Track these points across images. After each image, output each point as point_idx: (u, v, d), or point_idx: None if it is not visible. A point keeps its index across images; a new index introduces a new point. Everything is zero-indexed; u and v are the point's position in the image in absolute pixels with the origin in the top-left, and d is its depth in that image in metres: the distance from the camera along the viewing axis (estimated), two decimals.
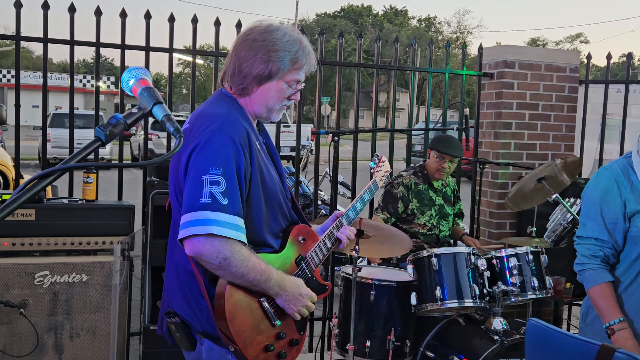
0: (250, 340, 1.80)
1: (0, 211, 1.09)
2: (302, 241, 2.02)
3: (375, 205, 4.10)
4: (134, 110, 1.31)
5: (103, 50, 3.91)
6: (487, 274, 3.27)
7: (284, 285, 1.85)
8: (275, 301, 1.87)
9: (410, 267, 3.30)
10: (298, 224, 2.04)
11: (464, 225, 4.54)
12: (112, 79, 39.21)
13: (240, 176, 1.76)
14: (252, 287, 1.79)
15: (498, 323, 3.20)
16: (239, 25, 4.12)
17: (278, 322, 1.87)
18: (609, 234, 2.37)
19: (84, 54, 68.62)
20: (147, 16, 3.93)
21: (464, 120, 4.15)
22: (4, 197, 3.38)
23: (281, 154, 12.84)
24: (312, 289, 1.97)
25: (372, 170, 2.74)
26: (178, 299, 1.88)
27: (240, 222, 1.73)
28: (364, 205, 2.44)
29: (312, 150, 7.74)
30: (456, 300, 3.18)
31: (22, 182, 4.14)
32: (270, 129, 2.71)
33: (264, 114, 1.96)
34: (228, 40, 2.62)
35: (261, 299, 1.84)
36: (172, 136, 1.28)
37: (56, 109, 19.94)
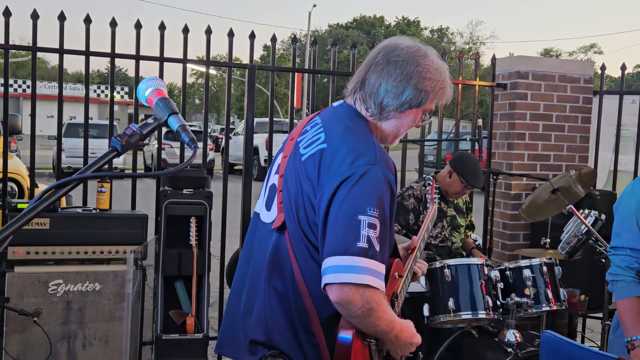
0: None
1: (18, 220, 1.10)
2: (397, 278, 1.88)
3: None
4: (150, 120, 1.32)
5: (117, 61, 3.95)
6: (500, 285, 3.24)
7: (401, 335, 1.73)
8: (378, 343, 1.75)
9: (422, 278, 3.28)
10: (393, 255, 1.89)
11: (476, 236, 4.51)
12: (126, 89, 39.54)
13: (390, 218, 1.65)
14: (373, 334, 1.68)
15: (512, 335, 3.18)
16: (252, 36, 4.15)
17: None
18: None
19: (99, 64, 69.33)
20: (162, 27, 3.97)
21: (477, 131, 4.13)
22: (20, 206, 3.41)
23: None
24: None
25: (429, 196, 2.65)
26: (284, 334, 1.71)
27: (384, 271, 1.61)
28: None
29: None
30: (470, 312, 3.16)
31: (37, 191, 4.18)
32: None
33: (389, 139, 1.85)
34: (241, 51, 2.64)
35: (370, 342, 1.71)
36: (187, 146, 1.28)
37: (71, 119, 20.14)
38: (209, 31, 4.07)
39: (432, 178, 2.70)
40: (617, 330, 2.47)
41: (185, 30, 4.02)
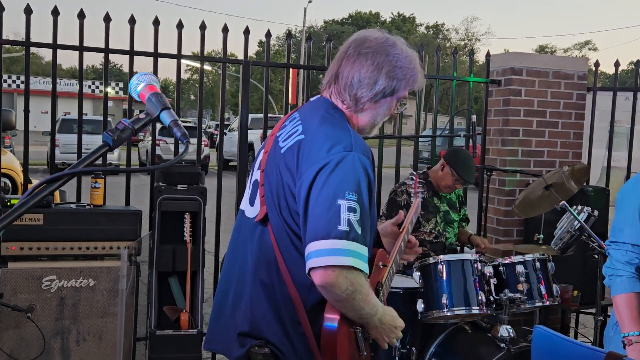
0: None
1: (9, 215, 1.10)
2: (381, 267, 1.92)
3: (380, 212, 4.09)
4: (142, 115, 1.32)
5: (111, 57, 3.94)
6: (493, 281, 3.26)
7: (384, 318, 1.78)
8: (364, 331, 1.79)
9: (416, 274, 3.29)
10: (376, 245, 1.94)
11: (470, 232, 4.53)
12: (121, 84, 39.41)
13: (369, 202, 1.68)
14: (358, 319, 1.72)
15: (505, 331, 3.19)
16: (246, 32, 4.14)
17: (364, 352, 1.80)
18: None
19: (93, 60, 69.11)
20: (156, 22, 3.96)
21: (471, 127, 4.14)
22: (13, 201, 3.40)
23: None
24: None
25: (411, 190, 2.68)
26: (269, 325, 1.74)
27: (367, 253, 1.65)
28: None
29: None
30: (463, 308, 3.17)
31: (30, 187, 4.17)
32: None
33: (366, 130, 1.89)
34: (235, 47, 2.64)
35: (356, 329, 1.75)
36: (179, 141, 1.28)
37: (65, 115, 20.05)
38: (203, 27, 4.06)
39: (415, 173, 2.75)
40: (617, 325, 2.43)
41: (180, 25, 4.01)
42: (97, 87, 36.14)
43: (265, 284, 1.75)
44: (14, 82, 35.25)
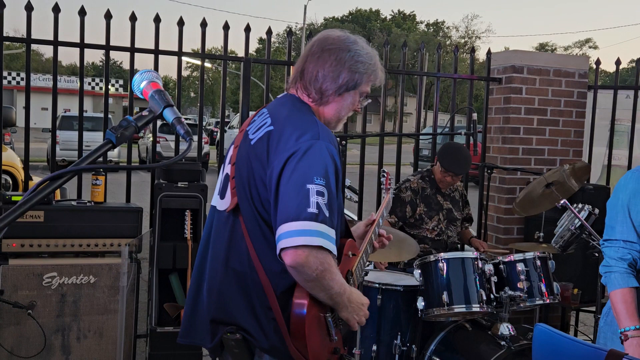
0: (319, 356, 1.78)
1: (12, 212, 1.10)
2: (351, 256, 2.00)
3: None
4: (145, 112, 1.32)
5: (111, 54, 3.94)
6: (494, 279, 3.26)
7: (352, 297, 1.85)
8: (333, 316, 1.85)
9: (417, 272, 3.29)
10: (346, 237, 2.02)
11: (472, 231, 4.53)
12: (121, 81, 39.36)
13: (336, 188, 1.76)
14: (328, 300, 1.78)
15: (505, 328, 3.19)
16: (247, 29, 4.14)
17: (335, 338, 1.85)
18: (637, 235, 2.37)
19: (93, 57, 68.98)
20: (157, 20, 3.95)
21: (472, 125, 4.14)
22: (14, 198, 3.40)
23: None
24: None
25: (383, 187, 2.75)
26: (240, 311, 1.81)
27: (334, 235, 1.72)
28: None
29: None
30: (463, 306, 3.17)
31: (31, 184, 4.17)
32: None
33: (332, 123, 1.98)
34: (235, 44, 2.64)
35: (326, 315, 1.82)
36: (182, 139, 1.28)
37: (65, 112, 20.05)
38: (204, 24, 4.06)
39: (386, 171, 2.81)
40: (607, 317, 2.49)
41: (181, 22, 4.00)
42: (97, 84, 36.09)
43: (236, 272, 1.82)
44: (13, 79, 35.22)
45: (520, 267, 3.29)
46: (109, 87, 4.07)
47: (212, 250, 1.92)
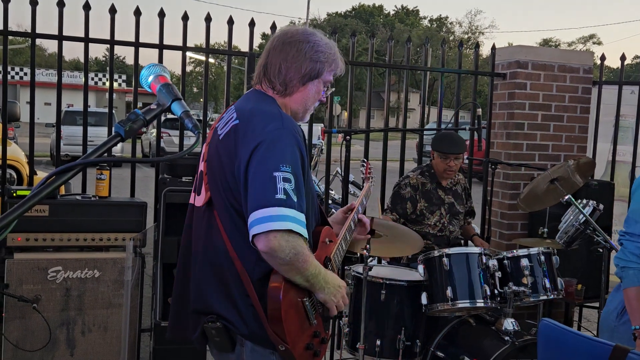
0: (297, 339, 1.83)
1: (22, 205, 1.10)
2: (328, 243, 2.06)
3: (385, 206, 4.10)
4: (153, 106, 1.33)
5: (114, 49, 3.93)
6: (498, 274, 3.26)
7: (327, 278, 1.91)
8: (312, 301, 1.90)
9: (421, 267, 3.30)
10: (323, 225, 2.08)
11: (475, 226, 4.53)
12: (124, 76, 39.36)
13: (303, 175, 1.83)
14: (304, 282, 1.83)
15: (509, 324, 3.19)
16: (252, 24, 4.13)
17: (314, 321, 1.91)
18: None
19: (96, 52, 68.97)
20: (161, 14, 3.95)
21: (476, 121, 4.13)
22: (19, 192, 3.41)
23: None
24: None
25: (362, 176, 2.81)
26: (219, 300, 1.88)
27: (304, 219, 1.78)
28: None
29: (322, 149, 7.74)
30: (467, 301, 3.18)
31: (36, 178, 4.17)
32: None
33: (299, 114, 2.04)
34: (239, 39, 2.64)
35: (304, 299, 1.87)
36: (191, 132, 1.29)
37: (68, 107, 20.04)
38: (208, 19, 4.05)
39: (366, 160, 2.85)
40: (623, 316, 2.47)
41: (185, 17, 4.00)
42: (100, 80, 36.10)
43: (213, 264, 1.89)
44: (17, 73, 35.23)
45: (524, 262, 3.29)
46: (113, 82, 4.07)
47: (193, 247, 1.99)
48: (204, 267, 1.92)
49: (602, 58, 4.82)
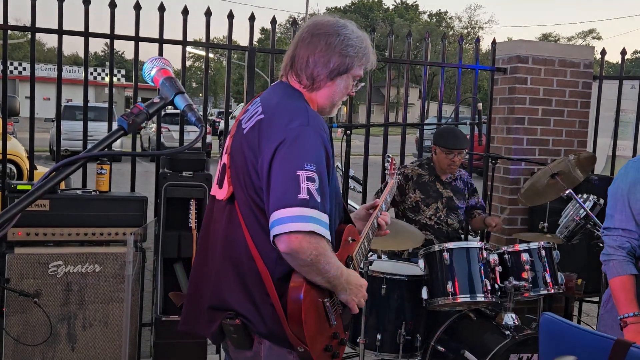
0: (316, 341, 1.79)
1: (25, 199, 1.10)
2: (351, 242, 2.01)
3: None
4: (156, 99, 1.32)
5: (114, 43, 3.92)
6: (499, 268, 3.27)
7: (350, 279, 1.86)
8: (332, 301, 1.87)
9: (421, 261, 3.30)
10: (346, 223, 2.04)
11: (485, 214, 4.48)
12: (123, 71, 39.29)
13: (328, 174, 1.78)
14: (326, 283, 1.79)
15: (509, 318, 3.20)
16: (252, 18, 4.12)
17: (334, 322, 1.87)
18: (636, 224, 2.42)
19: (95, 46, 68.79)
20: (161, 9, 3.94)
21: (477, 115, 4.13)
22: (19, 187, 3.41)
23: None
24: None
25: (387, 172, 2.76)
26: (238, 298, 1.83)
27: (327, 220, 1.74)
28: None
29: None
30: (468, 295, 3.18)
31: (36, 173, 4.17)
32: None
33: (326, 109, 1.98)
34: (238, 34, 2.63)
35: (324, 300, 1.83)
36: (194, 125, 1.28)
37: (67, 102, 20.02)
38: (208, 13, 4.04)
39: (390, 156, 2.81)
40: (607, 304, 2.55)
41: (185, 12, 3.99)
42: (99, 74, 36.03)
43: (233, 260, 1.84)
44: (15, 68, 35.15)
45: (524, 257, 3.29)
46: (113, 77, 4.06)
47: (212, 240, 1.94)
48: (222, 261, 1.87)
49: (603, 53, 4.82)
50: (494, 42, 4.76)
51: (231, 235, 1.85)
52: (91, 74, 35.47)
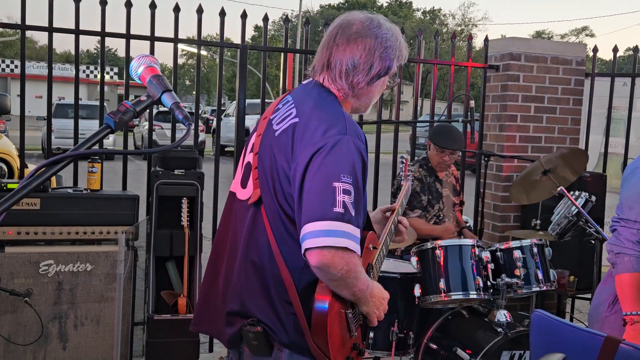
0: (338, 353, 1.75)
1: (10, 197, 1.09)
2: (372, 249, 1.97)
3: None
4: (143, 97, 1.31)
5: (106, 41, 3.90)
6: (491, 266, 3.27)
7: (374, 291, 1.82)
8: (354, 312, 1.83)
9: (414, 259, 3.30)
10: (367, 229, 1.97)
11: (467, 218, 4.54)
12: (115, 69, 39.15)
13: (363, 186, 1.72)
14: (351, 297, 1.75)
15: (502, 315, 3.20)
16: (244, 15, 4.11)
17: (355, 334, 1.83)
18: None
19: (87, 44, 68.57)
20: (152, 6, 3.92)
21: (469, 113, 4.13)
22: (10, 185, 3.39)
23: None
24: None
25: (401, 174, 2.71)
26: (260, 304, 1.77)
27: (359, 234, 1.68)
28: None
29: None
30: (460, 293, 3.18)
31: (27, 172, 4.15)
32: None
33: (362, 109, 1.93)
34: (231, 31, 2.62)
35: (347, 311, 1.79)
36: (181, 124, 1.27)
37: (59, 100, 19.93)
38: (200, 10, 4.03)
39: (404, 157, 2.75)
40: (614, 305, 2.44)
41: (177, 9, 3.97)
42: (91, 72, 35.89)
43: (255, 264, 1.78)
44: (7, 66, 35.00)
45: (517, 254, 3.29)
46: (104, 74, 4.04)
47: (231, 241, 1.87)
48: (243, 262, 1.80)
49: (595, 50, 4.83)
50: (486, 40, 4.76)
51: (255, 238, 1.78)
52: (83, 71, 35.34)
